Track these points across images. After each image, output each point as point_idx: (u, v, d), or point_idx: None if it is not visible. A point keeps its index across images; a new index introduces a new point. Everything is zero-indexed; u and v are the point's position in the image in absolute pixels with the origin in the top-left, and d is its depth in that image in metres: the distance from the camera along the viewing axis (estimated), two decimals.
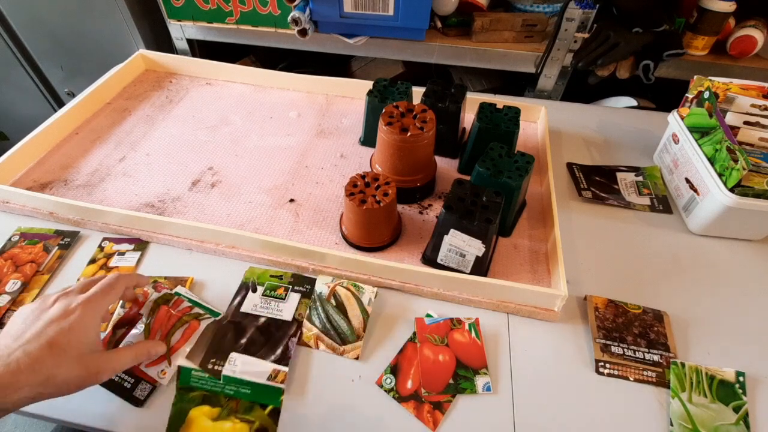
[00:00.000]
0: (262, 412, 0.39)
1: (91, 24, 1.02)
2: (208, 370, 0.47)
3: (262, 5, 0.89)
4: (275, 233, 0.62)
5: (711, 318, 0.56)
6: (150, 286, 0.50)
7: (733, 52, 0.86)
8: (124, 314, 0.48)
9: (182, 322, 0.47)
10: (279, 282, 0.56)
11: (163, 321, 0.47)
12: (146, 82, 0.91)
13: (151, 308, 0.47)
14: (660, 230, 0.66)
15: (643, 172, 0.75)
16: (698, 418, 0.46)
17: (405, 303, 0.56)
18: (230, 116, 0.83)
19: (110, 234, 0.62)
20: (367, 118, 0.74)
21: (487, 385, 0.48)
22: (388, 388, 0.48)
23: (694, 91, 0.70)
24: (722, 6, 0.79)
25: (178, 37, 1.01)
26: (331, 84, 0.88)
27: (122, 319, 0.48)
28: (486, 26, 0.88)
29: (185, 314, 0.47)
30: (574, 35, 0.85)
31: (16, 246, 0.59)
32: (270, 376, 0.40)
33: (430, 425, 0.45)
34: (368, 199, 0.54)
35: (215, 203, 0.66)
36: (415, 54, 0.93)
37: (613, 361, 0.50)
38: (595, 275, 0.60)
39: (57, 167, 0.71)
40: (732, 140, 0.59)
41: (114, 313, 0.49)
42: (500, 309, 0.55)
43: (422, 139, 0.59)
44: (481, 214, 0.51)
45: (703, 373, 0.49)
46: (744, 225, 0.63)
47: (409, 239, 0.62)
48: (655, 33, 0.81)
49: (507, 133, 0.66)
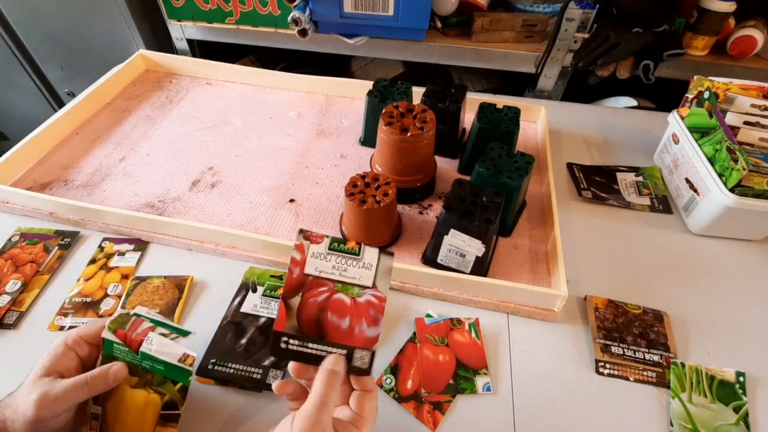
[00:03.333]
0: (172, 387, 0.42)
1: (91, 24, 1.02)
2: (208, 371, 0.47)
3: (262, 5, 0.89)
4: (275, 233, 0.62)
5: (711, 318, 0.56)
6: (108, 329, 0.42)
7: (733, 52, 0.86)
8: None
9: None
10: (279, 282, 0.56)
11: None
12: (146, 82, 0.91)
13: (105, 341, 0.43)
14: (660, 230, 0.66)
15: (643, 172, 0.75)
16: (698, 418, 0.46)
17: (405, 303, 0.56)
18: (230, 116, 0.83)
19: (110, 234, 0.62)
20: (367, 118, 0.74)
21: (487, 385, 0.48)
22: (388, 388, 0.48)
23: (694, 91, 0.70)
24: (722, 6, 0.79)
25: (178, 37, 1.01)
26: (331, 84, 0.88)
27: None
28: (486, 26, 0.88)
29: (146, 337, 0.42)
30: (574, 35, 0.85)
31: (16, 246, 0.59)
32: (180, 359, 0.41)
33: (430, 425, 0.45)
34: (368, 199, 0.54)
35: (215, 203, 0.66)
36: (415, 54, 0.93)
37: (613, 361, 0.50)
38: (595, 275, 0.60)
39: (57, 167, 0.71)
40: (732, 140, 0.59)
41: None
42: (500, 309, 0.55)
43: (422, 139, 0.59)
44: (481, 214, 0.51)
45: (703, 373, 0.49)
46: (744, 225, 0.62)
47: (409, 239, 0.62)
48: (655, 33, 0.81)
49: (507, 133, 0.66)
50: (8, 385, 0.39)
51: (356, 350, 0.37)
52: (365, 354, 0.37)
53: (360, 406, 0.36)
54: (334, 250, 0.39)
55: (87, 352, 0.41)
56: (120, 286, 0.56)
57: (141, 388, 0.41)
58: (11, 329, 0.51)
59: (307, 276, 0.39)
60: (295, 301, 0.38)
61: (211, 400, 0.46)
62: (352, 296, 0.38)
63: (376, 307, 0.38)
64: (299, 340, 0.37)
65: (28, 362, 0.39)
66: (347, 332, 0.37)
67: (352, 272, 0.39)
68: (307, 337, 0.37)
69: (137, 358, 0.41)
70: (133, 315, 0.43)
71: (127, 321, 0.42)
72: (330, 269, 0.39)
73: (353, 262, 0.39)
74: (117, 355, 0.41)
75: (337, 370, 0.35)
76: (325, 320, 0.38)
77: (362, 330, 0.38)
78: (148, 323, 0.43)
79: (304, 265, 0.39)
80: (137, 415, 0.41)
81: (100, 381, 0.38)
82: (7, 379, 0.46)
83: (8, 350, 0.50)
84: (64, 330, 0.51)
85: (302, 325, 0.38)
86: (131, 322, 0.43)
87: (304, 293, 0.38)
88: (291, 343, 0.37)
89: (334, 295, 0.38)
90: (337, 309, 0.38)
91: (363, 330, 0.38)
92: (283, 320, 0.37)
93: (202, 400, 0.46)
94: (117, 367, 0.40)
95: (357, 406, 0.36)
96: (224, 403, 0.46)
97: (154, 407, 0.41)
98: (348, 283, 0.39)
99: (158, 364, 0.41)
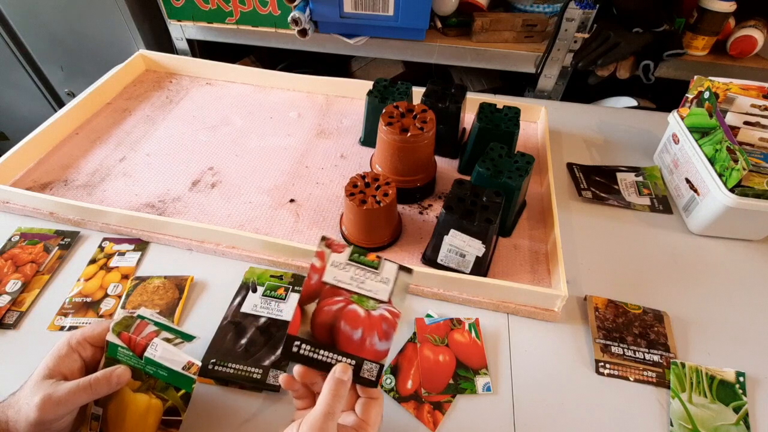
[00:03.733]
0: (175, 393, 0.41)
1: (91, 24, 1.02)
2: (208, 371, 0.47)
3: (262, 5, 0.89)
4: (275, 233, 0.62)
5: (711, 318, 0.56)
6: (112, 331, 0.42)
7: (733, 52, 0.86)
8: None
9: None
10: (279, 282, 0.56)
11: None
12: (146, 83, 0.91)
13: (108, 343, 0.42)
14: (660, 230, 0.66)
15: (643, 172, 0.75)
16: (698, 418, 0.46)
17: (405, 303, 0.55)
18: (230, 116, 0.83)
19: (110, 234, 0.62)
20: (367, 118, 0.74)
21: (487, 385, 0.48)
22: (388, 388, 0.48)
23: (694, 91, 0.70)
24: (722, 6, 0.79)
25: (178, 37, 1.01)
26: (331, 84, 0.88)
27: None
28: (486, 26, 0.88)
29: (151, 341, 0.41)
30: (574, 35, 0.85)
31: (16, 246, 0.59)
32: (185, 367, 0.41)
33: (430, 425, 0.45)
34: (368, 199, 0.54)
35: (215, 203, 0.66)
36: (415, 54, 0.93)
37: (613, 362, 0.50)
38: (595, 275, 0.60)
39: (57, 167, 0.71)
40: (732, 140, 0.59)
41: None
42: (500, 309, 0.55)
43: (422, 140, 0.59)
44: (481, 215, 0.51)
45: (703, 373, 0.49)
46: (744, 225, 0.62)
47: (409, 239, 0.62)
48: (655, 33, 0.81)
49: (507, 134, 0.66)
50: (8, 384, 0.39)
51: (365, 362, 0.37)
52: (374, 366, 0.38)
53: (366, 413, 0.37)
54: (354, 262, 0.40)
55: (90, 353, 0.41)
56: (120, 286, 0.56)
57: (143, 392, 0.41)
58: (11, 329, 0.51)
59: (325, 284, 0.39)
60: (311, 308, 0.38)
61: (211, 400, 0.46)
62: (367, 309, 0.39)
63: (389, 322, 0.39)
64: (311, 345, 0.38)
65: (29, 362, 0.39)
66: (358, 343, 0.38)
67: (370, 285, 0.39)
68: (320, 343, 0.38)
69: (141, 363, 0.41)
70: (137, 317, 0.43)
71: (131, 324, 0.42)
72: (348, 280, 0.39)
73: (371, 275, 0.40)
74: (120, 358, 0.41)
75: (345, 379, 0.36)
76: (338, 329, 0.38)
77: (373, 343, 0.38)
78: (152, 327, 0.43)
79: (323, 272, 0.39)
80: (138, 419, 0.41)
81: (103, 384, 0.38)
82: (8, 379, 0.47)
83: (8, 350, 0.50)
84: (64, 330, 0.51)
85: (315, 331, 0.38)
86: (135, 324, 0.42)
87: (320, 301, 0.39)
88: (303, 347, 0.37)
89: (349, 305, 0.39)
90: (350, 320, 0.38)
91: (374, 343, 0.38)
92: (297, 325, 0.38)
93: (202, 400, 0.46)
94: (120, 370, 0.40)
95: (362, 412, 0.37)
96: (224, 403, 0.46)
97: (155, 412, 0.41)
98: (364, 296, 0.39)
99: (162, 370, 0.41)
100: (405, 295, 0.40)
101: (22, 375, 0.38)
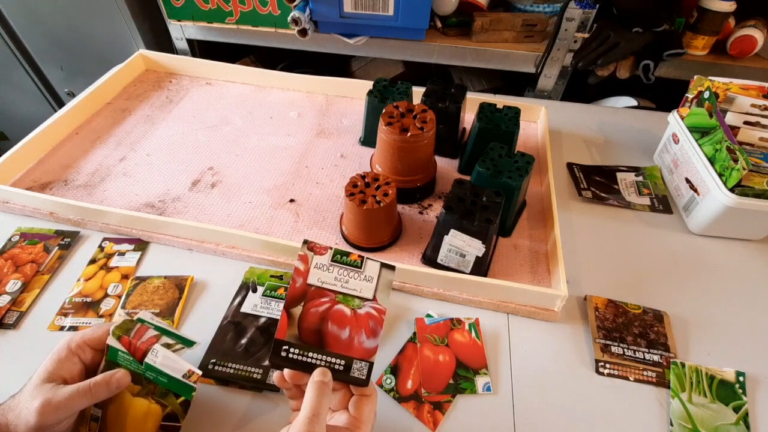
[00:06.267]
0: (174, 400, 0.41)
1: (91, 24, 1.02)
2: (208, 371, 0.47)
3: (262, 5, 0.89)
4: (275, 233, 0.62)
5: (711, 318, 0.56)
6: (113, 335, 0.41)
7: (733, 52, 0.86)
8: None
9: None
10: (279, 282, 0.56)
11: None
12: (146, 82, 0.91)
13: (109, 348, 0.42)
14: (660, 230, 0.66)
15: (643, 172, 0.75)
16: (698, 418, 0.46)
17: (405, 303, 0.56)
18: (230, 116, 0.83)
19: (110, 234, 0.62)
20: (367, 118, 0.74)
21: (487, 385, 0.48)
22: (388, 388, 0.48)
23: (694, 91, 0.70)
24: (722, 6, 0.79)
25: (178, 37, 1.01)
26: (331, 84, 0.88)
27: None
28: (486, 26, 0.88)
29: (151, 346, 0.41)
30: (574, 35, 0.85)
31: (16, 246, 0.59)
32: (185, 375, 0.41)
33: (430, 425, 0.45)
34: (368, 199, 0.54)
35: (215, 203, 0.66)
36: (415, 54, 0.93)
37: (613, 361, 0.50)
38: (595, 275, 0.60)
39: (57, 167, 0.71)
40: (732, 140, 0.59)
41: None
42: (500, 309, 0.55)
43: (422, 139, 0.59)
44: (481, 215, 0.51)
45: (703, 373, 0.49)
46: (744, 225, 0.63)
47: (409, 239, 0.62)
48: (655, 33, 0.81)
49: (507, 133, 0.66)
50: (8, 384, 0.39)
51: (355, 361, 0.38)
52: (363, 365, 0.38)
53: (358, 410, 0.37)
54: (336, 262, 0.40)
55: (90, 356, 0.41)
56: (120, 286, 0.56)
57: (143, 397, 0.41)
58: (11, 329, 0.51)
59: (310, 286, 0.39)
60: (297, 311, 0.39)
61: (210, 400, 0.46)
62: (353, 308, 0.39)
63: (376, 319, 0.39)
64: (300, 349, 0.37)
65: (29, 362, 0.39)
66: (346, 343, 0.38)
67: (354, 284, 0.40)
68: (308, 346, 0.38)
69: (141, 368, 0.40)
70: (137, 321, 0.43)
71: (131, 328, 0.42)
72: (332, 280, 0.40)
73: (355, 274, 0.40)
74: (120, 362, 0.41)
75: (326, 381, 0.36)
76: (326, 330, 0.38)
77: (361, 341, 0.38)
78: (153, 331, 0.42)
79: (307, 275, 0.40)
80: (137, 424, 0.41)
81: (103, 388, 0.38)
82: (7, 379, 0.47)
83: (8, 350, 0.50)
84: (64, 330, 0.51)
85: (303, 334, 0.38)
86: (136, 329, 0.42)
87: (306, 303, 0.39)
88: (291, 351, 0.37)
89: (335, 305, 0.39)
90: (337, 320, 0.38)
91: (362, 341, 0.38)
92: (284, 329, 0.38)
93: (202, 400, 0.46)
94: (120, 374, 0.40)
95: (355, 410, 0.37)
96: (224, 403, 0.46)
97: (154, 417, 0.41)
98: (349, 295, 0.39)
99: (162, 376, 0.40)
100: (389, 292, 0.40)
101: (22, 375, 0.38)
